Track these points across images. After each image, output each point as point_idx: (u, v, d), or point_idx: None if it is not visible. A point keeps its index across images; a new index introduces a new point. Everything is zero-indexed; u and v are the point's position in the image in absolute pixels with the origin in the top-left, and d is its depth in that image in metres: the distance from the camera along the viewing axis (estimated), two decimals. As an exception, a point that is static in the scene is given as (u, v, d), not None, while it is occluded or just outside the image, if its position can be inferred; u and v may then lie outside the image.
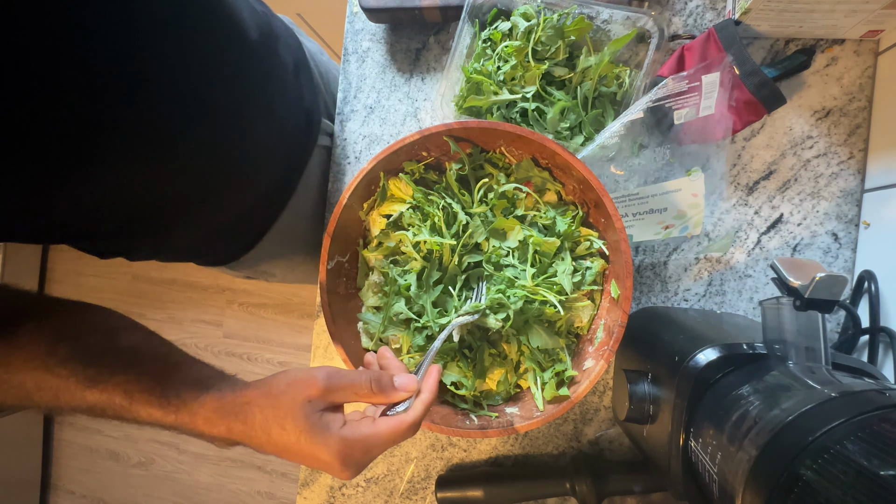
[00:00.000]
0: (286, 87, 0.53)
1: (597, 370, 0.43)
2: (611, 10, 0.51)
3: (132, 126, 0.34)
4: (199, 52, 0.38)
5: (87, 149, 0.32)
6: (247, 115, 0.46)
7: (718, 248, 0.54)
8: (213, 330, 1.77)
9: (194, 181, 0.43)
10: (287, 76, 0.54)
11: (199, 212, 0.47)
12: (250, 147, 0.48)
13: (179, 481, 1.76)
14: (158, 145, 0.37)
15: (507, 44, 0.53)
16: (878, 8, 0.45)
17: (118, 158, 0.34)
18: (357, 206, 0.51)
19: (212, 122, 0.41)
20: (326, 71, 0.69)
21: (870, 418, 0.25)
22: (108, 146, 0.33)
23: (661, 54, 0.51)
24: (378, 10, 0.58)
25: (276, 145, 0.53)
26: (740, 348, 0.36)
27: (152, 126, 0.36)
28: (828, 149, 0.53)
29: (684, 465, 0.36)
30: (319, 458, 0.34)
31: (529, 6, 0.53)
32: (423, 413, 0.36)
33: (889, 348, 0.45)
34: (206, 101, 0.40)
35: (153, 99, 0.35)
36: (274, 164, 0.54)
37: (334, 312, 0.49)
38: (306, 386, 0.34)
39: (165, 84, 0.36)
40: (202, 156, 0.42)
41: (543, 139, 0.44)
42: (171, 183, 0.40)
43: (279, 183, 0.57)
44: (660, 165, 0.52)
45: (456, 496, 0.54)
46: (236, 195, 0.50)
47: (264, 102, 0.48)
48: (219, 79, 0.41)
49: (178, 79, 0.37)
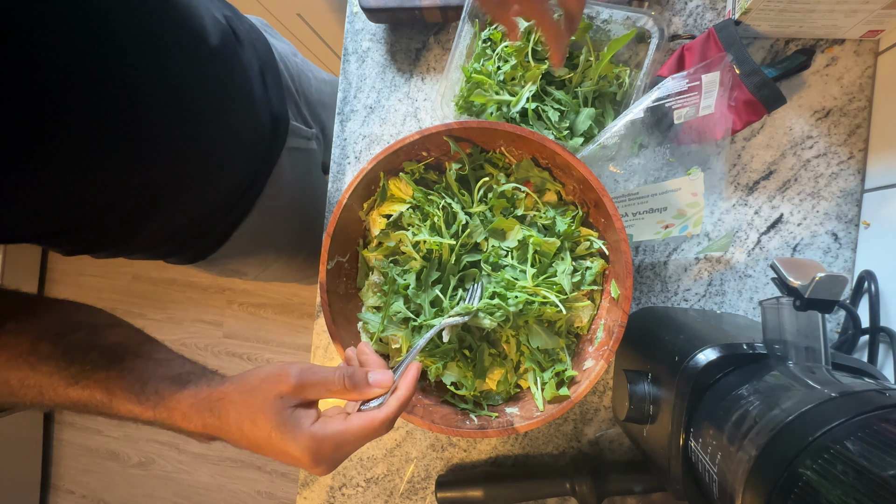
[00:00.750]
0: (249, 91, 0.54)
1: (597, 370, 0.43)
2: (611, 10, 0.51)
3: (85, 123, 0.35)
4: (155, 54, 0.40)
5: (47, 146, 0.34)
6: (204, 117, 0.47)
7: (718, 247, 0.54)
8: (213, 330, 1.77)
9: (151, 179, 0.44)
10: (250, 80, 0.55)
11: (161, 209, 0.48)
12: (209, 148, 0.49)
13: (179, 481, 1.76)
14: (112, 142, 0.38)
15: (506, 44, 0.53)
16: (878, 8, 0.45)
17: (70, 156, 0.36)
18: (357, 206, 0.51)
19: (167, 122, 0.42)
20: (299, 72, 0.69)
21: (870, 418, 0.25)
22: (55, 145, 0.34)
23: (661, 54, 0.51)
24: (378, 10, 0.58)
25: (238, 147, 0.53)
26: (740, 348, 0.36)
27: (105, 123, 0.37)
28: (828, 149, 0.53)
29: (684, 465, 0.36)
30: (290, 454, 0.34)
31: None
32: (398, 410, 0.36)
33: (889, 348, 0.45)
34: (161, 101, 0.41)
35: (105, 96, 0.36)
36: (235, 164, 0.54)
37: (334, 312, 0.49)
38: (278, 381, 0.34)
39: (121, 83, 0.37)
40: (159, 154, 0.43)
41: (543, 139, 0.44)
42: (128, 180, 0.41)
43: (243, 184, 0.57)
44: (660, 165, 0.52)
45: (456, 496, 0.54)
46: (198, 193, 0.51)
47: (223, 105, 0.49)
48: (175, 81, 0.42)
49: (134, 79, 0.38)
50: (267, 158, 0.60)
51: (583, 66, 0.52)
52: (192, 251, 0.61)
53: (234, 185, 0.56)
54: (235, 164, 0.54)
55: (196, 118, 0.46)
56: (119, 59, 0.37)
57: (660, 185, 0.50)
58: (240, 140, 0.53)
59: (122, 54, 0.37)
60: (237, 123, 0.52)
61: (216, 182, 0.53)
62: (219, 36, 0.48)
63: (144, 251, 0.55)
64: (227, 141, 0.51)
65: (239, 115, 0.52)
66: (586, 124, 0.52)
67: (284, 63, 0.65)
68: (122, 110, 0.38)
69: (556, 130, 0.52)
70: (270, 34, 0.67)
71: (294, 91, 0.66)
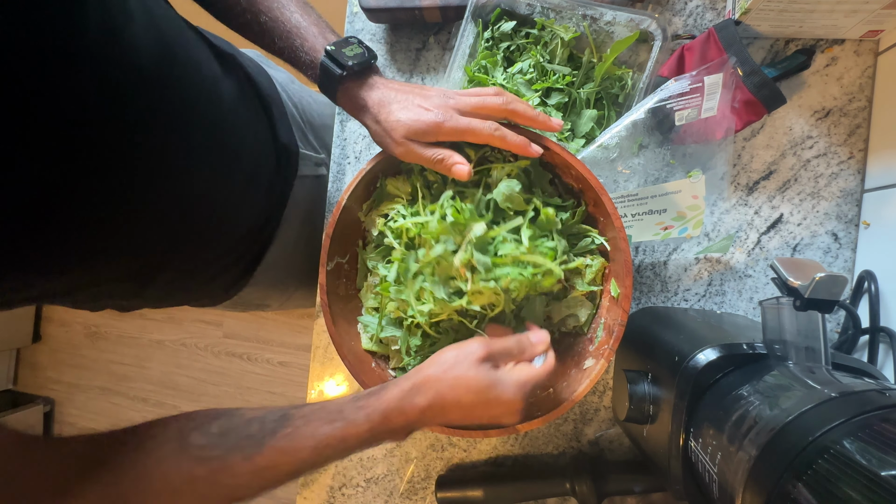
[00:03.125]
0: (258, 134, 0.54)
1: (597, 370, 0.43)
2: (614, 12, 0.51)
3: (101, 180, 0.36)
4: (170, 115, 0.40)
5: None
6: (219, 171, 0.47)
7: (718, 249, 0.54)
8: (213, 330, 1.77)
9: (165, 232, 0.44)
10: (259, 123, 0.55)
11: (174, 260, 0.48)
12: (224, 197, 0.49)
13: (179, 481, 1.76)
14: (134, 196, 0.39)
15: (507, 44, 0.53)
16: (878, 8, 0.45)
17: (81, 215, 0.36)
18: (356, 206, 0.51)
19: (179, 183, 0.42)
20: (300, 99, 0.69)
21: (870, 418, 0.25)
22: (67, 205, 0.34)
23: (662, 54, 0.51)
24: (378, 10, 0.58)
25: (249, 190, 0.53)
26: (740, 348, 0.36)
27: (129, 178, 0.37)
28: (828, 149, 0.53)
29: (684, 465, 0.37)
30: (503, 400, 0.38)
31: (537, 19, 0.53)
32: (554, 359, 0.42)
33: (889, 348, 0.45)
34: (175, 161, 0.42)
35: (127, 156, 0.37)
36: (248, 210, 0.54)
37: (334, 313, 0.49)
38: (472, 354, 0.39)
39: (150, 142, 0.38)
40: (175, 209, 0.43)
41: (545, 140, 0.44)
42: (146, 230, 0.42)
43: (260, 219, 0.57)
44: (660, 166, 0.52)
45: (456, 496, 0.54)
46: (212, 237, 0.51)
47: (236, 156, 0.49)
48: (192, 142, 0.43)
49: (157, 139, 0.39)
50: (282, 191, 0.60)
51: (585, 68, 0.52)
52: (215, 292, 0.60)
53: (251, 223, 0.56)
54: (249, 208, 0.54)
55: (212, 166, 0.46)
56: (160, 139, 0.39)
57: (660, 186, 0.50)
58: (255, 180, 0.53)
59: (162, 131, 0.39)
60: (251, 165, 0.52)
61: (234, 220, 0.52)
62: (233, 86, 0.49)
63: (170, 299, 0.55)
64: (244, 182, 0.51)
65: (254, 156, 0.52)
66: (588, 126, 0.52)
67: (286, 92, 0.65)
68: (149, 175, 0.39)
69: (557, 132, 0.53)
70: (266, 65, 0.67)
71: (299, 119, 0.66)
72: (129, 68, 0.35)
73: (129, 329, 1.82)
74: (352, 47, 0.45)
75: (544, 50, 0.54)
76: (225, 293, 0.61)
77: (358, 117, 0.46)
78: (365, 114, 0.45)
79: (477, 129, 0.41)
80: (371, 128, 0.45)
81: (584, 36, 0.53)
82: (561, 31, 0.52)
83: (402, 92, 0.44)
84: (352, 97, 0.45)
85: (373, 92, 0.44)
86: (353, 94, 0.45)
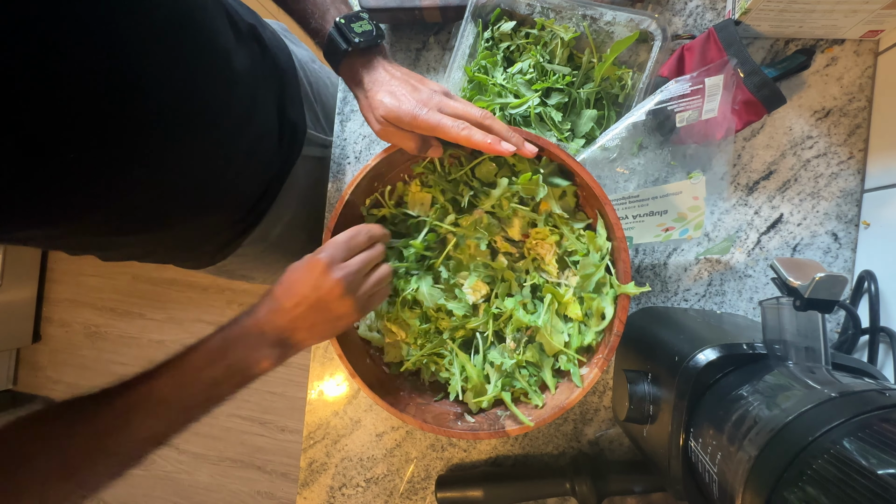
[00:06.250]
0: (269, 107, 0.55)
1: (590, 378, 0.44)
2: (614, 13, 0.51)
3: (121, 138, 0.37)
4: (183, 79, 0.41)
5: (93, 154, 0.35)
6: (219, 141, 0.47)
7: (719, 250, 0.54)
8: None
9: (167, 189, 0.45)
10: (269, 98, 0.55)
11: (175, 217, 0.49)
12: (224, 164, 0.49)
13: (179, 481, 1.76)
14: (126, 155, 0.39)
15: (507, 44, 0.53)
16: (878, 8, 0.45)
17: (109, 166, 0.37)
18: (359, 202, 0.51)
19: (176, 148, 0.43)
20: (317, 79, 0.69)
21: (870, 418, 0.25)
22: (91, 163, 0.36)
23: (662, 54, 0.51)
24: (378, 10, 0.58)
25: (254, 161, 0.54)
26: (740, 348, 0.36)
27: (123, 136, 0.38)
28: (828, 149, 0.53)
29: (684, 465, 0.36)
30: (323, 284, 0.41)
31: (537, 19, 0.53)
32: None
33: (889, 348, 0.45)
34: (174, 128, 0.42)
35: (125, 115, 0.37)
36: (245, 182, 0.55)
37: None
38: (308, 257, 0.43)
39: (159, 103, 0.39)
40: (168, 172, 0.44)
41: (547, 143, 0.44)
42: (137, 190, 0.42)
43: (254, 196, 0.58)
44: (660, 167, 0.52)
45: (456, 496, 0.54)
46: (211, 204, 0.52)
47: (244, 122, 0.49)
48: (195, 109, 0.43)
49: (171, 101, 0.40)
50: (282, 169, 0.60)
51: (585, 68, 0.52)
52: (201, 257, 0.61)
53: (246, 195, 0.56)
54: (250, 177, 0.55)
55: (216, 137, 0.46)
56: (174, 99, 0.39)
57: (660, 188, 0.50)
58: (256, 154, 0.54)
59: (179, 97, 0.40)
60: (254, 139, 0.52)
61: (229, 190, 0.53)
62: (246, 58, 0.49)
63: (153, 255, 0.55)
64: (245, 154, 0.52)
65: (258, 130, 0.53)
66: (588, 126, 0.52)
67: (304, 70, 0.65)
68: (145, 127, 0.39)
69: (557, 132, 0.53)
70: (290, 40, 0.67)
71: (312, 99, 0.66)
72: (142, 25, 0.35)
73: (129, 329, 1.82)
74: (361, 23, 0.46)
75: (544, 50, 0.54)
76: (210, 258, 0.62)
77: (352, 89, 0.48)
78: (359, 88, 0.47)
79: (446, 127, 0.42)
80: (360, 101, 0.47)
81: (584, 36, 0.53)
82: (561, 31, 0.52)
83: (397, 78, 0.45)
84: (352, 72, 0.47)
85: (372, 71, 0.46)
86: (354, 69, 0.47)
